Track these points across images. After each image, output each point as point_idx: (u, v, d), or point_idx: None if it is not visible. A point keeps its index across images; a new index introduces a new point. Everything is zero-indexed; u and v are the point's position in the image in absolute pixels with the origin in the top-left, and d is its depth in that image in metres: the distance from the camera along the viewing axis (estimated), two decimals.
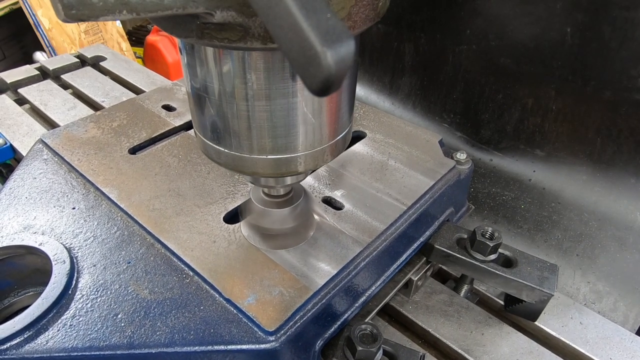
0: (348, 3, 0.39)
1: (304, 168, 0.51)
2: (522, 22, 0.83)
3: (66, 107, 1.15)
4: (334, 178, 0.75)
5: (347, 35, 0.26)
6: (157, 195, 0.70)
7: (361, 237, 0.64)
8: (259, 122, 0.46)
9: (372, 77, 1.15)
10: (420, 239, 0.72)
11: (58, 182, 0.74)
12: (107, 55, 1.40)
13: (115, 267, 0.61)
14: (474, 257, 0.69)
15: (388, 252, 0.67)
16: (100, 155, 0.78)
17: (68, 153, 0.78)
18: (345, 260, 0.61)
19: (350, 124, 0.55)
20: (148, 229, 0.64)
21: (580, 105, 0.83)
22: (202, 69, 0.45)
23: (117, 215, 0.68)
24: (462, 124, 1.02)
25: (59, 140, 0.82)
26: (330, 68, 0.25)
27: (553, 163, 0.91)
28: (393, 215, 0.68)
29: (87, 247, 0.63)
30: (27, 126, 1.09)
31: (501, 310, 0.74)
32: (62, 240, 0.64)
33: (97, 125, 0.86)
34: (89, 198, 0.71)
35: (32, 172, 0.76)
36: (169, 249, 0.62)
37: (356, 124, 0.88)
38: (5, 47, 3.32)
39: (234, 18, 0.36)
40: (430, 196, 0.73)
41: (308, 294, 0.56)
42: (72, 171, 0.76)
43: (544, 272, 0.67)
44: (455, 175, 0.78)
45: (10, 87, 1.25)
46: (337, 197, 0.71)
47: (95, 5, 0.30)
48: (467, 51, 0.93)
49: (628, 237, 0.84)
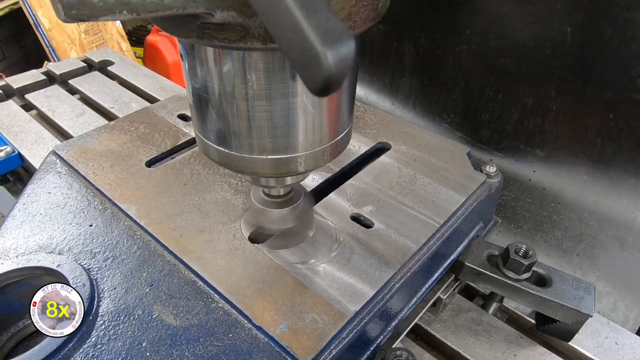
0: (348, 3, 0.39)
1: (304, 168, 0.51)
2: (522, 22, 0.83)
3: (75, 114, 1.13)
4: (361, 193, 0.71)
5: (348, 35, 0.26)
6: (177, 212, 0.67)
7: (394, 258, 0.61)
8: (259, 122, 0.46)
9: (372, 77, 1.15)
10: (451, 256, 0.69)
11: (73, 197, 0.71)
12: (114, 60, 1.38)
13: (137, 290, 0.57)
14: (507, 276, 0.66)
15: (421, 273, 0.63)
16: (116, 168, 0.75)
17: (83, 166, 0.75)
18: (380, 283, 0.57)
19: (350, 124, 0.55)
20: (170, 249, 0.61)
21: (580, 105, 0.83)
22: (202, 69, 0.45)
23: (136, 233, 0.64)
24: (462, 124, 1.02)
25: (72, 152, 0.78)
26: (331, 68, 0.25)
27: (553, 163, 0.91)
28: (426, 234, 0.64)
29: (107, 267, 0.60)
30: (35, 133, 1.07)
31: (533, 329, 0.72)
32: (80, 260, 0.60)
33: (111, 136, 0.83)
34: (106, 214, 0.68)
35: (46, 187, 0.73)
36: (192, 271, 0.58)
37: (380, 135, 0.84)
38: (5, 47, 3.32)
39: (234, 18, 0.36)
40: (462, 213, 0.69)
41: (343, 321, 0.53)
42: (87, 185, 0.72)
43: (580, 292, 0.64)
44: (486, 189, 0.74)
45: (16, 93, 1.23)
46: (366, 214, 0.68)
47: (95, 5, 0.30)
48: (467, 51, 0.93)
49: (628, 237, 0.84)
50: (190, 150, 0.80)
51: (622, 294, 0.81)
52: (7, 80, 1.25)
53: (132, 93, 1.22)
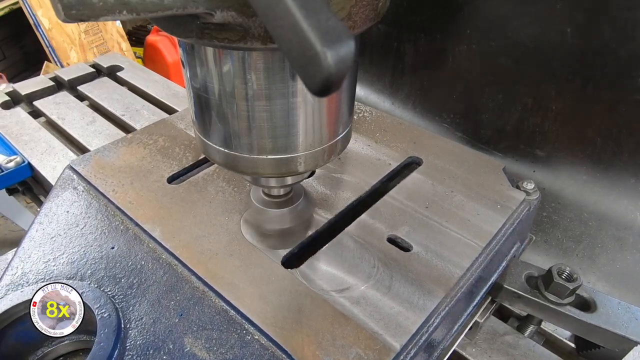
0: (348, 3, 0.39)
1: (304, 168, 0.51)
2: (522, 22, 0.83)
3: (85, 122, 1.11)
4: (395, 213, 0.68)
5: (347, 35, 0.26)
6: (204, 234, 0.63)
7: (438, 285, 0.57)
8: (259, 122, 0.46)
9: (372, 77, 1.15)
10: (491, 279, 0.67)
11: (93, 216, 0.67)
12: (123, 65, 1.35)
13: (166, 320, 0.53)
14: (549, 299, 0.63)
15: (464, 299, 0.60)
16: (136, 184, 0.71)
17: (101, 182, 0.71)
18: (425, 313, 0.54)
19: (350, 123, 0.55)
20: (199, 275, 0.57)
21: (580, 105, 0.83)
22: (202, 69, 0.45)
23: (161, 257, 0.60)
24: (462, 124, 1.02)
25: (90, 168, 0.74)
26: (330, 68, 0.25)
27: (553, 163, 0.91)
28: (468, 258, 0.61)
29: (132, 295, 0.56)
30: (45, 142, 1.04)
31: (572, 353, 0.70)
32: (104, 287, 0.57)
33: (129, 150, 0.79)
34: (128, 236, 0.64)
35: (63, 205, 0.69)
36: (223, 299, 0.55)
37: (410, 149, 0.81)
38: (5, 47, 3.32)
39: (234, 18, 0.36)
40: (503, 234, 0.66)
41: (389, 357, 0.49)
42: (107, 204, 0.68)
43: (627, 317, 0.62)
44: (525, 208, 0.71)
45: (24, 99, 1.21)
46: (403, 235, 0.64)
47: (95, 5, 0.30)
48: (467, 51, 0.93)
49: (628, 237, 0.84)
50: (213, 165, 0.76)
51: (622, 294, 0.81)
52: (15, 86, 1.23)
53: (142, 100, 1.19)
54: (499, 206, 0.69)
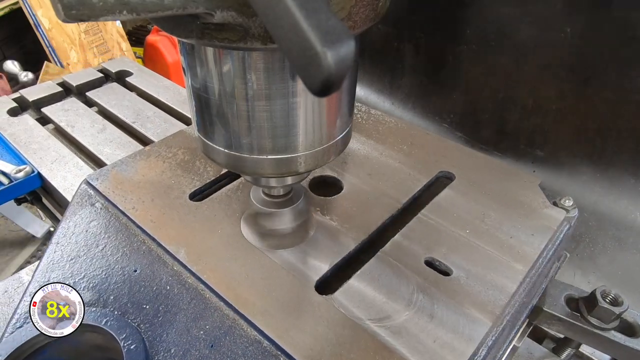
0: (348, 3, 0.39)
1: (304, 168, 0.51)
2: (522, 22, 0.83)
3: (95, 130, 1.08)
4: (430, 233, 0.64)
5: (347, 35, 0.26)
6: (232, 256, 0.59)
7: (483, 312, 0.54)
8: (259, 122, 0.46)
9: (372, 77, 1.15)
10: (532, 302, 0.63)
11: (113, 236, 0.63)
12: (132, 70, 1.32)
13: (196, 351, 0.50)
14: (592, 324, 0.61)
15: (509, 326, 0.57)
16: (157, 202, 0.67)
17: (121, 199, 0.67)
18: (472, 345, 0.50)
19: (350, 123, 0.55)
20: (228, 301, 0.54)
21: (580, 105, 0.83)
22: (202, 69, 0.45)
23: (188, 281, 0.57)
24: (462, 124, 1.02)
25: (107, 183, 0.71)
26: (331, 68, 0.25)
27: (553, 163, 0.91)
28: (513, 282, 0.58)
29: (159, 323, 0.52)
30: (55, 151, 1.02)
31: None
32: (128, 314, 0.53)
33: (148, 164, 0.75)
34: (151, 257, 0.60)
35: (81, 224, 0.66)
36: (256, 328, 0.51)
37: (441, 163, 0.78)
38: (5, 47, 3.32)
39: (234, 18, 0.36)
40: (545, 255, 0.63)
41: None
42: (127, 223, 0.65)
43: None
44: (566, 227, 0.67)
45: (31, 106, 1.18)
46: (440, 258, 0.61)
47: (95, 5, 0.30)
48: (467, 51, 0.93)
49: (628, 237, 0.84)
50: (237, 180, 0.73)
51: (622, 293, 0.81)
52: (22, 93, 1.20)
53: (153, 106, 1.16)
54: (540, 226, 0.66)
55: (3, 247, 2.54)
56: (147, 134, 1.07)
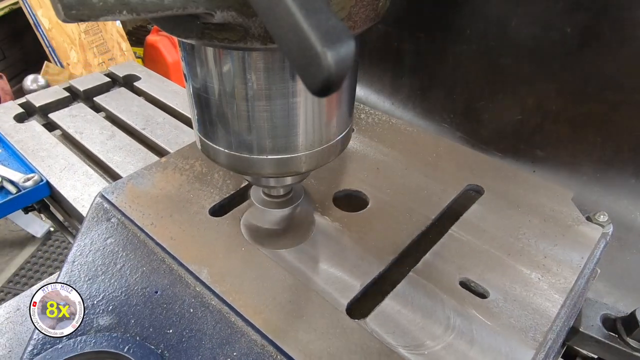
0: (348, 3, 0.39)
1: (304, 168, 0.52)
2: (522, 22, 0.83)
3: (104, 136, 1.06)
4: (462, 251, 0.62)
5: (348, 35, 0.26)
6: (257, 275, 0.56)
7: (526, 339, 0.51)
8: (259, 122, 0.46)
9: (372, 77, 1.15)
10: (570, 324, 0.61)
11: (132, 254, 0.61)
12: (140, 74, 1.30)
13: None
14: (632, 347, 0.58)
15: (551, 352, 0.55)
16: (176, 217, 0.65)
17: (138, 215, 0.65)
18: None
19: (350, 123, 0.55)
20: (256, 326, 0.51)
21: (580, 105, 0.83)
22: (202, 69, 0.45)
23: (211, 303, 0.54)
24: (462, 124, 1.02)
25: (124, 197, 0.68)
26: (331, 68, 0.25)
27: (553, 163, 0.91)
28: (553, 305, 0.55)
29: (184, 349, 0.50)
30: (63, 159, 1.00)
31: None
32: (150, 339, 0.50)
33: (164, 177, 0.72)
34: (172, 277, 0.57)
35: (97, 241, 0.63)
36: (288, 357, 0.48)
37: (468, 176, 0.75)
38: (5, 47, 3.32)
39: (234, 18, 0.36)
40: (584, 275, 0.60)
41: None
42: (146, 239, 0.62)
43: None
44: (602, 243, 0.65)
45: (38, 111, 1.17)
46: (475, 278, 0.58)
47: (95, 5, 0.30)
48: (467, 51, 0.93)
49: (628, 237, 0.84)
50: None
51: (622, 294, 0.81)
52: (28, 98, 1.18)
53: (163, 112, 1.14)
54: (576, 243, 0.63)
55: (3, 247, 2.54)
56: (157, 141, 1.05)
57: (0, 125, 1.12)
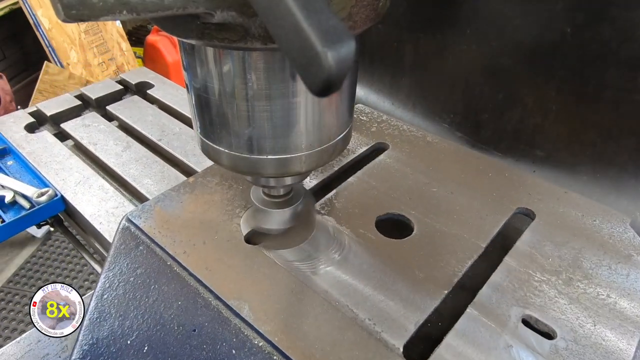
0: (348, 3, 0.39)
1: (305, 168, 0.52)
2: (522, 22, 0.83)
3: (119, 148, 1.01)
4: (521, 283, 0.57)
5: (348, 35, 0.26)
6: (301, 312, 0.52)
7: None
8: (259, 122, 0.46)
9: (372, 77, 1.15)
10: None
11: (165, 286, 0.56)
12: (153, 82, 1.27)
13: None
14: None
15: None
16: (210, 245, 0.60)
17: (169, 242, 0.60)
18: None
19: (351, 124, 0.55)
20: None
21: (580, 105, 0.83)
22: (202, 69, 0.45)
23: (253, 342, 0.49)
24: (462, 124, 1.02)
25: (152, 222, 0.63)
26: (331, 68, 0.25)
27: (553, 163, 0.91)
28: (628, 344, 0.50)
29: None
30: (77, 172, 0.95)
31: None
32: None
33: (194, 199, 0.68)
34: (211, 313, 0.53)
35: (127, 272, 0.58)
36: None
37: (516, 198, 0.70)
38: (5, 47, 3.32)
39: (234, 18, 0.36)
40: None
41: None
42: (180, 269, 0.57)
43: None
44: None
45: (49, 120, 1.14)
46: (538, 315, 0.53)
47: (95, 5, 0.30)
48: (467, 51, 0.93)
49: None
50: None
51: None
52: (39, 106, 1.16)
53: (178, 122, 1.11)
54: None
55: (3, 247, 2.54)
56: (174, 153, 1.01)
57: (11, 136, 1.07)
